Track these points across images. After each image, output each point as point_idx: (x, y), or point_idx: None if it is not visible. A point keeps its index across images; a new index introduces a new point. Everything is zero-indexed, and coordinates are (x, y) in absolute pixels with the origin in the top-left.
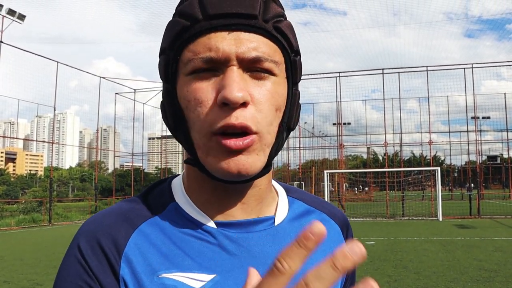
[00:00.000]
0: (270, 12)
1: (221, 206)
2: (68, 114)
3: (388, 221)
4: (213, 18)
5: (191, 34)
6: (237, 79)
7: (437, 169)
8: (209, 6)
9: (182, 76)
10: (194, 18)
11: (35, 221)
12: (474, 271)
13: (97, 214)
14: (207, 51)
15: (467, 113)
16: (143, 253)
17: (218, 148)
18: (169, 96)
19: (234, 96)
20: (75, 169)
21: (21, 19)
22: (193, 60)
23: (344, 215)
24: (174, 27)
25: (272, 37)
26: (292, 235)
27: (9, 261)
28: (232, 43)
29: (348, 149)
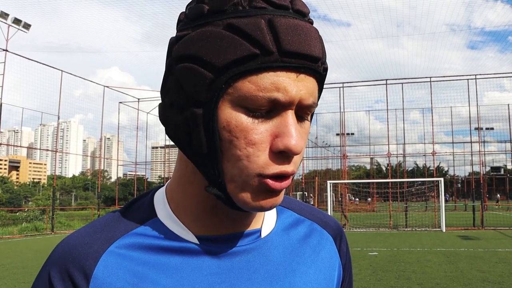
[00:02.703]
0: (325, 53)
1: (209, 221)
2: (72, 122)
3: (391, 232)
4: (287, 55)
5: (259, 66)
6: (296, 126)
7: (440, 180)
8: (284, 40)
9: (228, 104)
10: (264, 48)
11: (38, 230)
12: (478, 282)
13: (69, 237)
14: (274, 90)
15: (470, 124)
16: (114, 275)
17: (259, 187)
18: (205, 121)
19: (297, 148)
20: (78, 178)
21: (27, 28)
22: (256, 96)
23: (337, 223)
24: (235, 48)
25: (321, 80)
26: (279, 248)
27: (11, 270)
28: (297, 87)
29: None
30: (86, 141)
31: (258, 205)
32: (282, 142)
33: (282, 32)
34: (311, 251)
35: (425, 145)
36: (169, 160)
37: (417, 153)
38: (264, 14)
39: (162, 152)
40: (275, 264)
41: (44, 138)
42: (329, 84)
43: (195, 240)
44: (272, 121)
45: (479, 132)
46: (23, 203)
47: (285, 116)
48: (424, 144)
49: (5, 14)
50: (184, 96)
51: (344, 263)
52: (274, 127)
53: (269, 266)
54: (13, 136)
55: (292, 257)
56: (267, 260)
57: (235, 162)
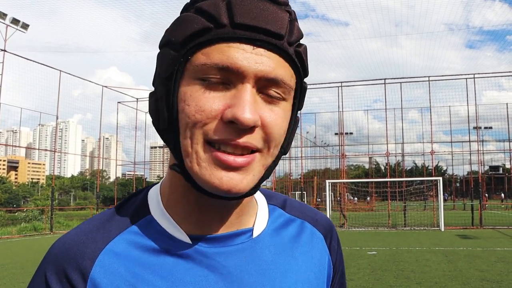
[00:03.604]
0: (294, 35)
1: (200, 219)
2: (71, 122)
3: (390, 231)
4: (239, 27)
5: (211, 37)
6: (251, 99)
7: (439, 179)
8: (238, 13)
9: (187, 77)
10: (217, 22)
11: (37, 230)
12: (477, 281)
13: (65, 236)
14: (225, 60)
15: (469, 123)
16: (111, 275)
17: (212, 160)
18: (168, 95)
19: (246, 118)
20: (77, 178)
21: (25, 28)
22: (206, 64)
23: (328, 220)
24: (192, 24)
25: (291, 61)
26: (270, 247)
27: (10, 270)
28: (253, 60)
29: (350, 159)
30: (85, 141)
31: (213, 183)
32: (231, 112)
33: (237, 7)
34: (302, 250)
35: (423, 144)
36: (167, 159)
37: (416, 153)
38: None
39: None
40: (266, 264)
41: (43, 138)
42: (328, 84)
43: (188, 240)
44: (229, 93)
45: (477, 131)
46: (22, 203)
47: (241, 88)
48: (422, 144)
49: (3, 14)
50: (158, 79)
51: (334, 260)
52: (229, 98)
53: (261, 266)
54: (11, 136)
55: (284, 257)
56: (259, 260)
57: (185, 131)
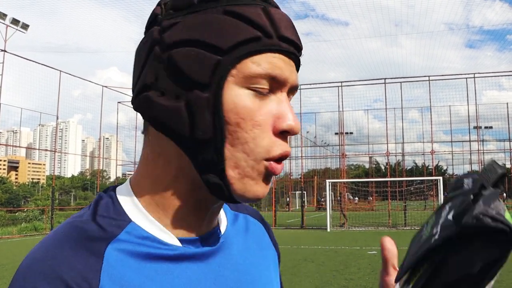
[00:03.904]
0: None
1: (190, 222)
2: (71, 123)
3: (390, 231)
4: (283, 40)
5: (261, 47)
6: (290, 107)
7: (439, 178)
8: (280, 26)
9: (233, 85)
10: (265, 32)
11: (37, 230)
12: None
13: (46, 245)
14: (275, 69)
15: (469, 122)
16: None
17: (264, 172)
18: (210, 103)
19: (298, 127)
20: (77, 178)
21: (25, 29)
22: (259, 75)
23: (258, 212)
24: (239, 31)
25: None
26: (234, 242)
27: (11, 270)
28: (289, 71)
29: (350, 158)
30: (85, 141)
31: (256, 193)
32: (285, 123)
33: (277, 20)
34: (255, 240)
35: (424, 144)
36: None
37: (416, 152)
38: (257, 5)
39: None
40: (236, 259)
41: (43, 138)
42: (328, 83)
43: (178, 243)
44: (272, 102)
45: (478, 131)
46: (22, 203)
47: (281, 97)
48: (423, 143)
49: (3, 15)
50: (183, 82)
51: (275, 245)
52: (274, 108)
53: (233, 261)
54: (12, 136)
55: (244, 249)
56: (230, 255)
57: (241, 145)
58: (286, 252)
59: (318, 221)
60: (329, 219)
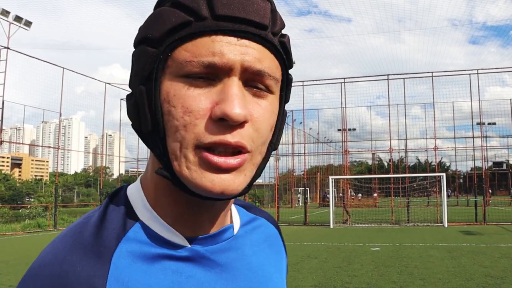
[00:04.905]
0: (278, 25)
1: (192, 221)
2: (74, 119)
3: (393, 227)
4: (222, 19)
5: (192, 31)
6: (239, 93)
7: (442, 175)
8: (218, 5)
9: (169, 76)
10: (198, 15)
11: (41, 226)
12: (480, 277)
13: (55, 248)
14: (210, 55)
15: (472, 119)
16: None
17: (202, 163)
18: (149, 96)
19: (236, 114)
20: (80, 175)
21: (28, 26)
22: (191, 62)
23: (271, 216)
24: (170, 19)
25: (276, 52)
26: (247, 241)
27: (15, 266)
28: (238, 51)
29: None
30: (88, 138)
31: (205, 186)
32: (220, 108)
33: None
34: (269, 243)
35: (427, 140)
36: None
37: (419, 149)
38: None
39: None
40: (249, 259)
41: (46, 135)
42: (331, 80)
43: (185, 242)
44: (215, 88)
45: (481, 127)
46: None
47: (227, 82)
48: (426, 139)
49: (6, 12)
50: (136, 79)
51: (286, 252)
52: (215, 94)
53: (245, 261)
54: (15, 133)
55: (258, 250)
56: (242, 254)
57: (174, 133)
58: (289, 248)
59: (321, 217)
60: (332, 216)
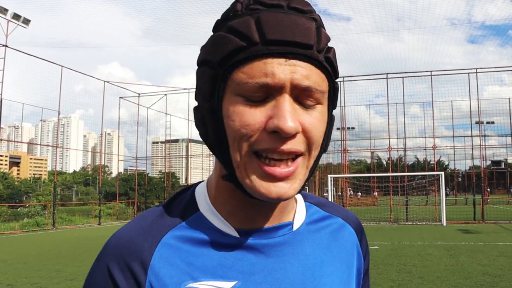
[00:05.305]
0: (322, 42)
1: (245, 215)
2: (72, 118)
3: (391, 226)
4: (271, 44)
5: (247, 56)
6: (290, 108)
7: (441, 174)
8: (268, 30)
9: (228, 94)
10: (250, 40)
11: (39, 225)
12: (478, 276)
13: (121, 230)
14: (262, 76)
15: (471, 118)
16: (169, 265)
17: (260, 173)
18: (214, 112)
19: (288, 127)
20: (79, 173)
21: (26, 24)
22: (247, 84)
23: (357, 218)
24: (227, 44)
25: (322, 67)
26: (309, 239)
27: (13, 265)
28: (288, 71)
29: (352, 153)
30: (87, 137)
31: (262, 193)
32: (273, 122)
33: (266, 24)
34: (336, 243)
35: (425, 139)
36: (169, 155)
37: (418, 147)
38: (255, 13)
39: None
40: (305, 255)
41: (45, 133)
42: None
43: (235, 233)
44: (268, 105)
45: (479, 126)
46: (24, 199)
47: (279, 99)
48: (424, 138)
49: (4, 9)
50: (200, 96)
51: (364, 255)
52: (269, 110)
53: (300, 256)
54: (13, 132)
55: (320, 249)
56: (298, 251)
57: (234, 144)
58: None
59: None
60: None
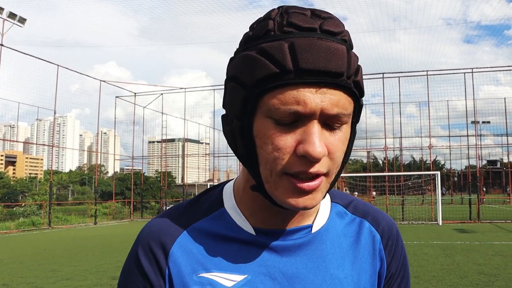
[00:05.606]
0: (352, 67)
1: (265, 216)
2: (68, 117)
3: None
4: (304, 73)
5: (280, 83)
6: (318, 134)
7: (437, 173)
8: (302, 59)
9: (259, 115)
10: (284, 68)
11: (35, 224)
12: (474, 275)
13: (152, 221)
14: (294, 104)
15: (467, 117)
16: (186, 254)
17: (289, 186)
18: (243, 131)
19: (316, 154)
20: (75, 173)
21: (22, 23)
22: (280, 110)
23: (390, 222)
24: (260, 69)
25: (351, 92)
26: (327, 242)
27: (9, 264)
28: (319, 100)
29: None
30: (83, 136)
31: (292, 203)
32: (303, 148)
33: (301, 52)
34: (357, 247)
35: (421, 138)
36: (165, 154)
37: (414, 147)
38: (289, 38)
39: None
40: (321, 257)
41: (41, 133)
42: None
43: (253, 231)
44: (298, 130)
45: (475, 126)
46: (20, 198)
47: (308, 125)
48: (420, 138)
49: (0, 9)
50: (230, 110)
51: (389, 261)
52: (299, 135)
53: (316, 259)
54: (9, 131)
55: (338, 252)
56: (315, 254)
57: (265, 164)
58: None
59: None
60: None
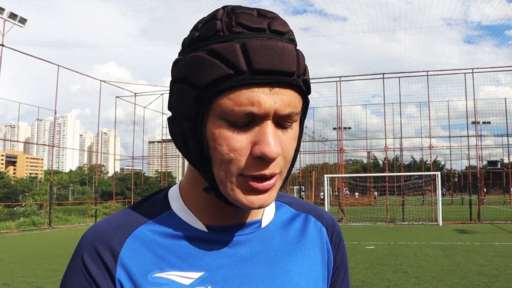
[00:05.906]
0: (301, 66)
1: (215, 213)
2: (69, 117)
3: (388, 226)
4: (258, 73)
5: (234, 84)
6: (273, 134)
7: (437, 174)
8: (255, 60)
9: (212, 118)
10: (237, 69)
11: (35, 224)
12: (474, 276)
13: (96, 224)
14: (249, 105)
15: (467, 118)
16: (137, 255)
17: (245, 187)
18: (195, 132)
19: (273, 154)
20: (75, 173)
21: (23, 23)
22: (234, 111)
23: (332, 217)
24: (213, 70)
25: (301, 90)
26: (277, 236)
27: (9, 264)
28: (272, 100)
29: (348, 153)
30: (83, 136)
31: (248, 203)
32: (259, 149)
33: (253, 53)
34: (306, 240)
35: (422, 139)
36: (166, 154)
37: (414, 147)
38: (240, 38)
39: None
40: (274, 250)
41: (41, 133)
42: (326, 78)
43: (204, 228)
44: (253, 131)
45: (476, 126)
46: (21, 198)
47: (263, 126)
48: (421, 138)
49: (1, 9)
50: (180, 112)
51: (335, 253)
52: (254, 135)
53: (269, 251)
54: (9, 131)
55: (289, 245)
56: (267, 247)
57: (219, 165)
58: None
59: None
60: None
